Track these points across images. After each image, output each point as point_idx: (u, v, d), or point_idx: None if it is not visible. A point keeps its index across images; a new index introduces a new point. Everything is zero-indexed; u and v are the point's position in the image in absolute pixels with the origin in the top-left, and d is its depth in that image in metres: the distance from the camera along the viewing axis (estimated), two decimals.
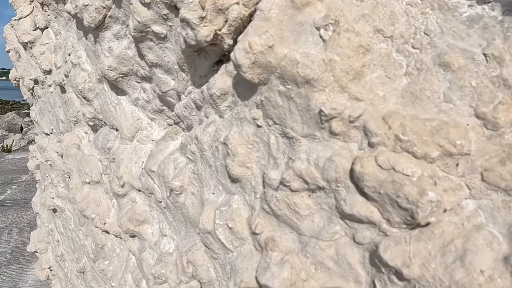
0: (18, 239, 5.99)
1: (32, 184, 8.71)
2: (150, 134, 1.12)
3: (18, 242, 5.88)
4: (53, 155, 1.59)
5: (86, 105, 1.24)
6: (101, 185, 1.25)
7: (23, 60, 1.76)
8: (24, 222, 6.70)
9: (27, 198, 7.81)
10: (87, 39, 1.18)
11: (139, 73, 1.06)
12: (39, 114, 1.75)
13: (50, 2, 1.44)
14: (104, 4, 1.00)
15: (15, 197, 8.04)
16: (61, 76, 1.39)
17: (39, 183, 2.00)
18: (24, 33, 1.61)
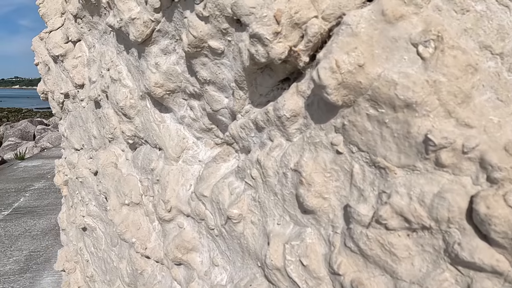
0: (31, 247, 6.00)
1: (45, 192, 8.77)
2: (197, 154, 1.05)
3: (31, 250, 5.87)
4: (85, 172, 1.53)
5: (126, 123, 1.18)
6: (141, 207, 1.18)
7: (53, 74, 1.72)
8: (37, 230, 6.71)
9: (40, 206, 7.86)
10: (129, 54, 1.12)
11: (187, 90, 0.99)
12: (69, 128, 1.69)
13: (84, 15, 1.39)
14: (153, 18, 0.93)
15: (28, 204, 8.08)
16: (96, 91, 1.33)
17: (66, 198, 1.94)
18: (55, 46, 1.56)
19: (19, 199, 8.48)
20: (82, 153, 1.63)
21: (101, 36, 1.41)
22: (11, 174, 10.62)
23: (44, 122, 23.36)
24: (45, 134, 16.84)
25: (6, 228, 6.82)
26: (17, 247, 5.99)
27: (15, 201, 8.29)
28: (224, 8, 0.80)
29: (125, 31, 1.03)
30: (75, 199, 1.65)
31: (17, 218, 7.28)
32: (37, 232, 6.63)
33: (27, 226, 6.89)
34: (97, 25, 1.41)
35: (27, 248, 5.93)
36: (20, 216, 7.35)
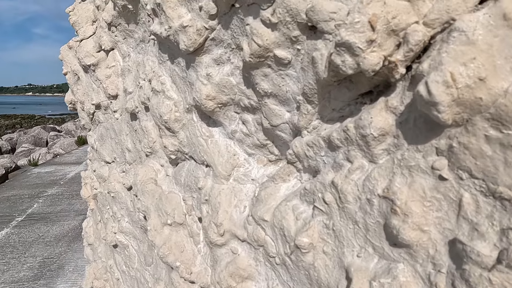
0: (45, 254, 5.98)
1: (58, 198, 8.80)
2: (249, 172, 0.96)
3: (45, 257, 5.86)
4: (117, 186, 1.45)
5: (169, 137, 1.10)
6: (185, 227, 1.10)
7: (83, 84, 1.65)
8: (51, 237, 6.71)
9: (53, 212, 7.87)
10: (174, 64, 1.04)
11: (241, 103, 0.91)
12: (99, 140, 1.62)
13: (119, 23, 1.33)
14: (208, 25, 0.85)
15: (42, 211, 8.11)
16: (133, 102, 1.25)
17: (93, 212, 1.87)
18: (87, 55, 1.50)
19: (32, 205, 8.52)
20: (114, 166, 1.55)
21: (137, 44, 1.34)
22: (25, 180, 10.70)
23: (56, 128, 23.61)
24: (57, 141, 16.99)
25: (20, 234, 6.83)
26: (31, 254, 5.99)
27: (29, 207, 8.33)
28: (298, 13, 0.71)
29: (173, 40, 0.95)
30: (106, 214, 1.58)
31: (30, 224, 7.30)
32: (51, 238, 6.63)
33: (40, 232, 6.90)
34: (133, 34, 1.34)
35: (41, 255, 5.93)
36: (34, 222, 7.37)
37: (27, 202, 8.78)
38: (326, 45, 0.70)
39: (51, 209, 8.31)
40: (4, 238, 6.68)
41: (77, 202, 8.63)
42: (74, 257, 5.91)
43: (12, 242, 6.51)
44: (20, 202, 8.81)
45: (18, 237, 6.74)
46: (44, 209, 8.31)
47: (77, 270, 5.64)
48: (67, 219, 7.68)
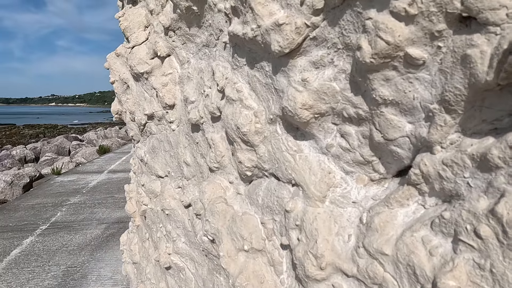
0: (68, 263, 5.96)
1: (80, 207, 8.84)
2: (347, 193, 0.82)
3: (69, 266, 5.83)
4: (172, 203, 1.33)
5: (246, 151, 0.96)
6: (264, 254, 0.96)
7: (133, 93, 1.55)
8: (74, 245, 6.70)
9: (76, 221, 7.88)
10: (254, 69, 0.91)
11: (344, 113, 0.77)
12: (150, 153, 1.51)
13: (179, 27, 1.22)
14: (309, 22, 0.72)
15: (65, 219, 8.14)
16: (197, 112, 1.13)
17: (138, 229, 1.75)
18: (140, 63, 1.39)
19: (56, 213, 8.58)
20: (167, 181, 1.43)
21: (199, 50, 1.23)
22: (49, 189, 10.83)
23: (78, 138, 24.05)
24: (79, 150, 17.24)
25: (44, 243, 6.86)
26: (55, 262, 5.98)
27: (53, 216, 8.38)
28: (449, 1, 0.57)
29: (261, 41, 0.83)
30: (158, 233, 1.45)
31: (54, 233, 7.33)
32: (74, 247, 6.62)
33: (63, 241, 6.91)
34: (195, 38, 1.23)
35: (64, 263, 5.91)
36: (57, 231, 7.40)
37: (50, 210, 8.86)
38: (490, 39, 0.55)
39: (74, 218, 8.36)
40: (29, 246, 6.71)
41: (99, 211, 8.66)
42: (97, 266, 5.86)
43: (36, 250, 6.54)
44: (44, 211, 8.90)
45: (42, 245, 6.77)
46: (67, 218, 8.36)
47: (100, 279, 5.59)
48: (89, 228, 7.69)
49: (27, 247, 6.48)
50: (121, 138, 22.30)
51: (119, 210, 8.42)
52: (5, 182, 10.43)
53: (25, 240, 6.78)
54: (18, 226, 7.55)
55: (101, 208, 8.64)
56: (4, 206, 8.82)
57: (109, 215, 8.05)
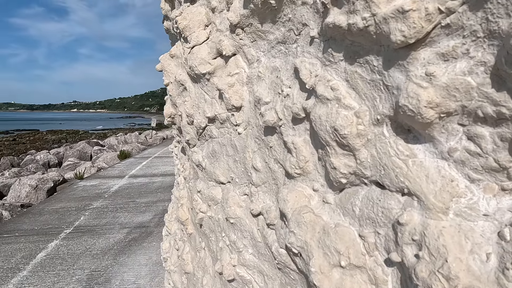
0: (92, 267, 5.98)
1: (103, 211, 8.90)
2: (474, 204, 0.71)
3: (93, 270, 5.84)
4: (238, 211, 1.23)
5: (341, 156, 0.86)
6: (363, 271, 0.85)
7: (191, 95, 1.47)
8: (97, 250, 6.73)
9: (99, 225, 7.91)
10: (355, 64, 0.82)
11: (480, 112, 0.66)
12: (209, 157, 1.42)
13: (249, 23, 1.13)
14: (444, 7, 0.62)
15: (88, 223, 8.19)
16: (274, 114, 1.04)
17: (191, 237, 1.66)
18: (201, 63, 1.31)
19: (79, 217, 8.66)
20: (230, 187, 1.34)
21: (271, 47, 1.14)
22: (72, 193, 10.96)
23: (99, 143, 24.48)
24: (101, 155, 17.49)
25: (68, 246, 6.90)
26: (79, 266, 6.00)
27: (76, 220, 8.46)
28: None
29: (374, 32, 0.73)
30: (220, 243, 1.36)
31: (78, 237, 7.38)
32: (97, 251, 6.65)
33: (87, 245, 6.94)
34: (267, 35, 1.14)
35: (88, 267, 5.93)
36: (81, 235, 7.45)
37: (74, 214, 8.95)
38: None
39: (96, 222, 8.42)
40: (54, 250, 6.76)
41: (121, 215, 8.70)
42: (120, 270, 5.86)
43: (61, 253, 6.59)
44: (68, 215, 8.99)
45: (66, 249, 6.82)
46: (90, 222, 8.42)
47: (123, 284, 5.57)
48: (112, 232, 7.71)
49: (52, 250, 6.54)
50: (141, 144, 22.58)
51: (141, 215, 8.44)
52: (30, 186, 10.61)
53: (50, 243, 6.84)
54: (43, 230, 7.63)
55: (123, 213, 8.68)
56: (29, 210, 8.95)
57: (131, 220, 8.06)
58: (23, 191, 10.58)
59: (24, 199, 10.33)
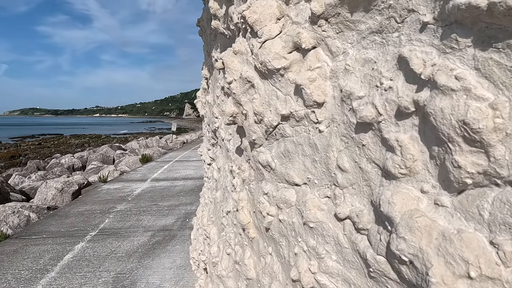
0: (117, 269, 5.99)
1: (126, 214, 8.95)
2: None
3: (118, 272, 5.85)
4: (319, 215, 1.15)
5: (469, 154, 0.77)
6: (498, 283, 0.75)
7: (260, 92, 1.40)
8: (122, 252, 6.75)
9: (123, 228, 7.94)
10: (489, 50, 0.72)
11: None
12: (280, 158, 1.34)
13: (336, 13, 1.05)
14: None
15: (113, 226, 8.23)
16: (371, 109, 0.95)
17: (253, 241, 1.58)
18: (275, 57, 1.24)
19: (104, 220, 8.72)
20: (307, 189, 1.25)
21: (362, 38, 1.05)
22: (96, 196, 11.08)
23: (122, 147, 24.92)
24: (123, 158, 17.75)
25: (94, 249, 6.95)
26: (105, 268, 6.02)
27: (101, 222, 8.52)
28: None
29: None
30: (295, 248, 1.27)
31: (103, 239, 7.42)
32: (122, 254, 6.66)
33: (112, 247, 6.96)
34: (357, 25, 1.06)
35: (114, 270, 5.94)
36: (106, 237, 7.49)
37: (99, 217, 9.03)
38: None
39: (121, 225, 8.47)
40: (80, 252, 6.81)
41: (144, 218, 8.73)
42: (145, 273, 5.85)
43: (87, 256, 6.63)
44: (93, 217, 9.08)
45: (92, 251, 6.87)
46: (114, 225, 8.48)
47: (148, 287, 5.55)
48: (136, 235, 7.74)
49: (78, 252, 6.59)
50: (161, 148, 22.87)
51: (164, 218, 8.44)
52: (56, 189, 10.79)
53: (76, 245, 6.90)
54: (69, 232, 7.72)
55: (146, 216, 8.71)
56: (55, 212, 9.09)
57: (154, 223, 8.08)
58: (49, 193, 10.76)
59: (50, 201, 10.51)
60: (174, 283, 5.09)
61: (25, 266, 5.85)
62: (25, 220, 8.30)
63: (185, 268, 5.61)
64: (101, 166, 16.76)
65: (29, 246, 6.80)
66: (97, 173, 14.23)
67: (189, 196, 10.38)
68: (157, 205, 9.59)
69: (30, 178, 14.54)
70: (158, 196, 10.59)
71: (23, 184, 12.96)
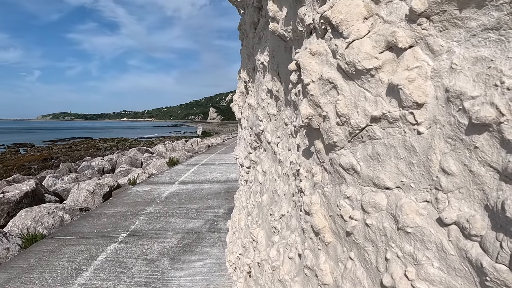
0: (149, 270, 6.08)
1: (156, 216, 9.08)
2: None
3: (150, 273, 5.93)
4: (417, 219, 1.11)
5: None
6: None
7: (345, 93, 1.37)
8: (153, 254, 6.86)
9: (153, 230, 8.07)
10: None
11: None
12: (367, 160, 1.31)
13: (442, 10, 1.02)
14: None
15: (143, 228, 8.37)
16: (491, 109, 0.90)
17: (328, 246, 1.54)
18: (366, 57, 1.22)
19: (134, 222, 8.88)
20: (400, 193, 1.21)
21: (471, 36, 1.02)
22: (126, 198, 11.31)
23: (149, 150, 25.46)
24: (150, 162, 18.12)
25: (126, 250, 7.06)
26: (137, 269, 6.12)
27: (131, 224, 8.68)
28: None
29: None
30: (387, 254, 1.23)
31: (134, 241, 7.54)
32: (153, 255, 6.75)
33: (143, 248, 7.07)
34: (466, 22, 1.01)
35: (146, 271, 6.03)
36: (137, 239, 7.61)
37: (129, 219, 9.19)
38: None
39: (151, 227, 8.60)
40: (113, 253, 6.95)
41: (173, 221, 8.85)
42: (176, 275, 5.92)
43: (119, 256, 6.76)
44: (124, 219, 9.25)
45: (124, 252, 6.99)
46: (144, 226, 8.62)
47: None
48: (166, 237, 7.84)
49: (111, 253, 6.73)
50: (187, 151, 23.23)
51: (192, 220, 8.52)
52: (88, 191, 11.08)
53: (109, 246, 7.05)
54: (102, 233, 7.90)
55: (175, 218, 8.82)
56: (88, 213, 9.33)
57: (183, 225, 8.15)
58: (81, 195, 11.06)
59: (82, 203, 10.80)
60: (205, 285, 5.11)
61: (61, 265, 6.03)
62: (59, 221, 8.56)
63: (215, 271, 5.62)
64: (130, 169, 17.12)
65: (64, 246, 7.00)
66: (126, 176, 14.54)
67: (216, 199, 10.45)
68: (185, 207, 9.70)
69: (63, 180, 15.03)
70: (186, 198, 10.71)
71: (56, 186, 13.41)
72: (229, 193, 10.93)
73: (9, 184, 13.51)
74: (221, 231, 7.49)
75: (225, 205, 9.61)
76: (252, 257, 3.33)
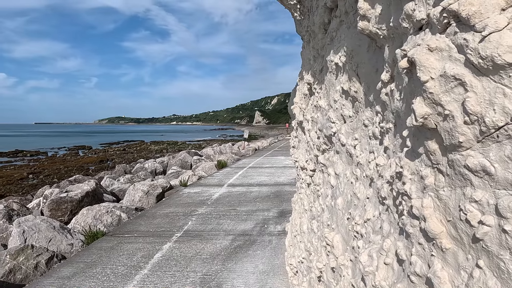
0: (203, 270, 6.11)
1: (207, 218, 9.22)
2: None
3: (204, 273, 5.97)
4: None
5: None
6: None
7: (476, 90, 1.29)
8: (206, 254, 6.91)
9: (205, 231, 8.17)
10: None
11: None
12: (504, 162, 1.22)
13: None
14: None
15: (196, 228, 8.50)
16: None
17: (446, 252, 1.45)
18: (508, 51, 1.12)
19: (187, 222, 9.06)
20: None
21: None
22: (178, 199, 11.62)
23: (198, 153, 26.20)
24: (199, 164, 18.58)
25: (180, 249, 7.19)
26: (192, 269, 6.19)
27: (184, 225, 8.86)
28: None
29: None
30: None
31: (188, 241, 7.67)
32: (206, 256, 6.81)
33: (197, 249, 7.16)
34: None
35: (200, 271, 6.08)
36: (190, 239, 7.74)
37: (182, 219, 9.41)
38: None
39: (203, 228, 8.73)
40: (169, 252, 7.10)
41: (224, 222, 8.92)
42: (230, 276, 5.92)
43: (175, 256, 6.90)
44: (177, 219, 9.48)
45: (179, 252, 7.13)
46: (197, 227, 8.76)
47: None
48: (218, 238, 7.90)
49: (166, 252, 6.91)
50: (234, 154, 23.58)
51: (243, 223, 8.55)
52: (142, 192, 11.55)
53: (164, 245, 7.25)
54: (157, 232, 8.16)
55: (225, 220, 8.91)
56: (143, 213, 9.71)
57: (234, 227, 8.20)
58: (137, 195, 11.54)
59: (137, 203, 11.27)
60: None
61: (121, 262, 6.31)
62: (117, 220, 8.99)
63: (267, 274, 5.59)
64: (180, 171, 17.67)
65: (123, 244, 7.33)
66: (177, 177, 15.01)
67: (265, 202, 10.47)
68: (235, 210, 9.80)
69: (119, 180, 15.84)
70: (235, 201, 10.82)
71: (113, 186, 14.16)
72: (277, 196, 10.91)
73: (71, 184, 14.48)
74: (272, 234, 7.47)
75: (274, 208, 9.60)
76: (324, 261, 3.25)
